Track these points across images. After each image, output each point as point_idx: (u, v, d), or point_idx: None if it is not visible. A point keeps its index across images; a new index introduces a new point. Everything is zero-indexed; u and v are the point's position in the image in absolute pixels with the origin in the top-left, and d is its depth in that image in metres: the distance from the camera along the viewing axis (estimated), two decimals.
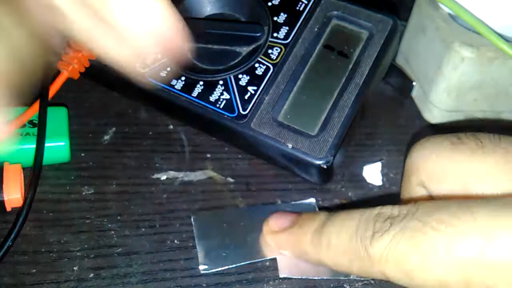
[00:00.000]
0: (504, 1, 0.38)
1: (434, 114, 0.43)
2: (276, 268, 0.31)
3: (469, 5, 0.39)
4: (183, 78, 0.36)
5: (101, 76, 0.38)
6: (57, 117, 0.34)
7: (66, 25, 0.21)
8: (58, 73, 0.35)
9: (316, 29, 0.37)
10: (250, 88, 0.35)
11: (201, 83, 0.36)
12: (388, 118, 0.43)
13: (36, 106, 0.33)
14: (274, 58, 0.36)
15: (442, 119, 0.43)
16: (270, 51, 0.36)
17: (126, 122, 0.37)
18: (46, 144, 0.32)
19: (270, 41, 0.37)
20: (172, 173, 0.35)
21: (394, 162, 0.39)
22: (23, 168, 0.32)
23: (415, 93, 0.44)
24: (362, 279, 0.31)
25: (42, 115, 0.33)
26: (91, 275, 0.29)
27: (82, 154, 0.35)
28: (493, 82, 0.40)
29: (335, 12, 0.37)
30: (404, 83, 0.44)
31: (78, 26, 0.22)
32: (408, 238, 0.22)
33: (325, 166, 0.33)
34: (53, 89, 0.35)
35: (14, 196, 0.30)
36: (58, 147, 0.33)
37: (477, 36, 0.39)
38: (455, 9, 0.39)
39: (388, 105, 0.44)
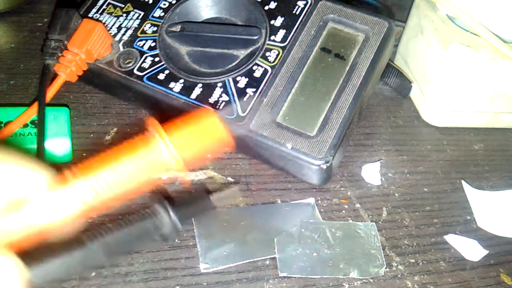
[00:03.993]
0: (501, 3, 0.39)
1: (432, 115, 0.43)
2: (276, 267, 0.31)
3: (467, 7, 0.39)
4: (181, 81, 0.36)
5: (99, 80, 0.38)
6: (59, 116, 0.34)
7: None
8: (55, 76, 0.36)
9: (313, 32, 0.37)
10: (248, 90, 0.35)
11: (200, 85, 0.36)
12: (387, 118, 0.43)
13: (35, 107, 0.33)
14: (272, 61, 0.36)
15: (440, 119, 0.43)
16: (267, 53, 0.37)
17: (127, 122, 0.38)
18: (49, 143, 0.33)
19: (268, 44, 0.37)
20: (173, 173, 0.35)
21: (392, 162, 0.39)
22: None
23: (413, 94, 0.45)
24: (361, 277, 0.32)
25: (41, 117, 0.33)
26: (93, 273, 0.29)
27: (84, 154, 0.35)
28: (491, 82, 0.40)
29: (331, 16, 0.38)
30: (403, 83, 0.45)
31: None
32: None
33: (324, 166, 0.33)
34: (50, 92, 0.35)
35: None
36: (60, 146, 0.33)
37: (475, 37, 0.39)
38: (453, 10, 0.39)
39: (386, 105, 0.44)
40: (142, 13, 0.39)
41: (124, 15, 0.39)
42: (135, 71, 0.37)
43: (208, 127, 0.23)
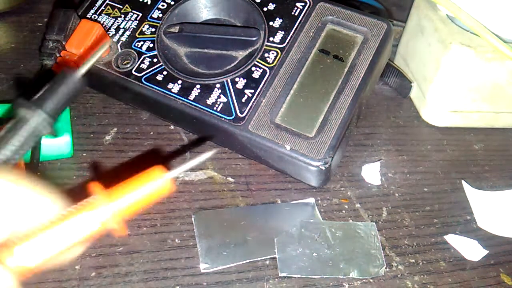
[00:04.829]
0: (501, 3, 0.39)
1: (433, 115, 0.43)
2: (276, 267, 0.31)
3: (467, 7, 0.39)
4: (179, 82, 0.36)
5: (97, 81, 0.38)
6: None
7: None
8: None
9: (311, 34, 0.37)
10: (247, 91, 0.35)
11: (198, 86, 0.36)
12: (387, 118, 0.43)
13: None
14: (271, 62, 0.36)
15: (440, 119, 0.43)
16: (266, 55, 0.37)
17: (127, 122, 0.38)
18: (49, 139, 0.33)
19: (266, 45, 0.37)
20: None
21: (392, 162, 0.39)
22: (26, 164, 0.32)
23: (413, 94, 0.45)
24: (361, 277, 0.32)
25: None
26: (93, 273, 0.29)
27: (84, 154, 0.35)
28: (491, 83, 0.40)
29: (330, 17, 0.38)
30: (403, 83, 0.45)
31: None
32: None
33: (323, 167, 0.33)
34: None
35: None
36: (60, 142, 0.33)
37: (475, 37, 0.39)
38: (453, 10, 0.39)
39: (386, 105, 0.44)
40: (141, 14, 0.39)
41: (123, 16, 0.39)
42: (133, 72, 0.37)
43: (157, 186, 0.22)
